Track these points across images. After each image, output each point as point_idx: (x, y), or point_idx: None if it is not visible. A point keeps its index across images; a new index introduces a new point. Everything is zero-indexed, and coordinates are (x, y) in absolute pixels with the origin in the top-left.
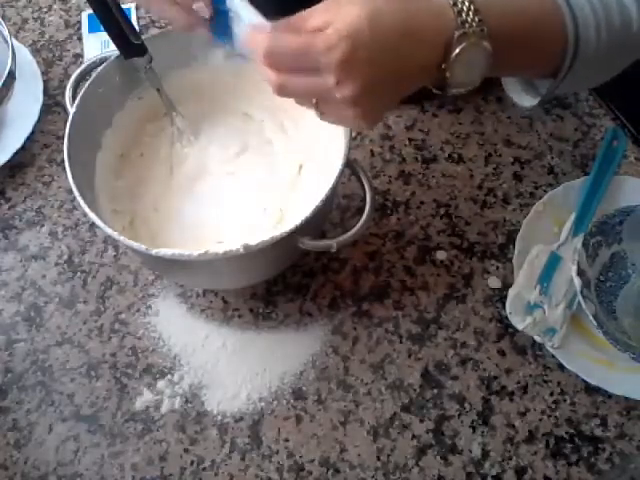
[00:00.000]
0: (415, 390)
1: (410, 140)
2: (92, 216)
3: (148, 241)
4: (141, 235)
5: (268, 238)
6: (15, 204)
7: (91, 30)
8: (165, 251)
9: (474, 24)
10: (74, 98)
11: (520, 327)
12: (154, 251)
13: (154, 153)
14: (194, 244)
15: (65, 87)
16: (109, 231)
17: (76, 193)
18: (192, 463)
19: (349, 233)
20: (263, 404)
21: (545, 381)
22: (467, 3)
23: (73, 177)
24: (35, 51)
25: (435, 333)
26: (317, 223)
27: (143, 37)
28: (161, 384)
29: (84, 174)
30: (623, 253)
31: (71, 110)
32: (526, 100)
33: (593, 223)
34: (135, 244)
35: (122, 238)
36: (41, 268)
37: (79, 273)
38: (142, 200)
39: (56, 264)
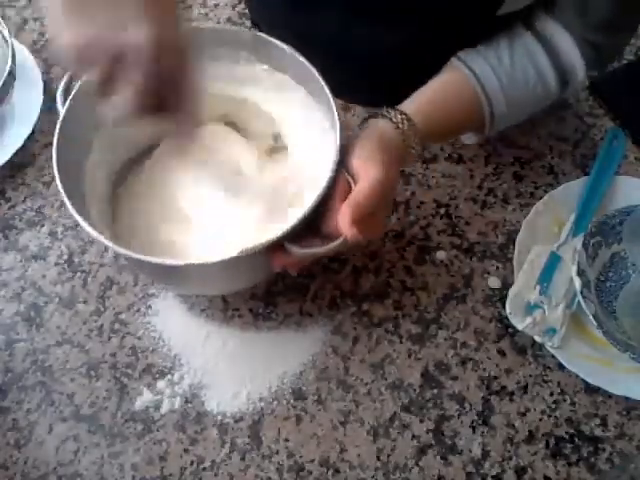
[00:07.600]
0: (415, 390)
1: None
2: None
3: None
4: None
5: (263, 241)
6: (15, 204)
7: None
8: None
9: (405, 122)
10: (65, 99)
11: (520, 327)
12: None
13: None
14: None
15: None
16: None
17: (64, 197)
18: (192, 463)
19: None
20: (263, 404)
21: (545, 381)
22: (398, 115)
23: (61, 181)
24: (35, 51)
25: (435, 333)
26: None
27: None
28: (161, 384)
29: (74, 177)
30: (623, 253)
31: (62, 111)
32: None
33: (593, 223)
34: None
35: (112, 244)
36: (41, 268)
37: (79, 273)
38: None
39: (56, 264)
